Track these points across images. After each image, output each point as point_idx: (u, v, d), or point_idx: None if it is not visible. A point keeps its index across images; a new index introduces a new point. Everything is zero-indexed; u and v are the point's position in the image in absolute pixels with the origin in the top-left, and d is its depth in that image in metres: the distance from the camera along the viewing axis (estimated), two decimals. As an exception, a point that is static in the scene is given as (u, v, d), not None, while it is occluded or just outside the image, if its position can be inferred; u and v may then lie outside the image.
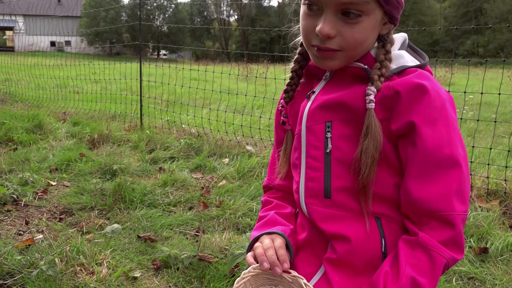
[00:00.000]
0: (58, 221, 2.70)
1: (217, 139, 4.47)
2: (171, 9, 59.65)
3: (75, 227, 2.61)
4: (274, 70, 5.42)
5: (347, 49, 0.85)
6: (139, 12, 5.23)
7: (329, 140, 0.90)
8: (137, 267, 2.13)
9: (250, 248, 0.98)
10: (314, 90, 0.96)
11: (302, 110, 0.96)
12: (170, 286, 2.00)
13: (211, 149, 4.21)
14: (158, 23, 57.09)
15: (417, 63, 0.90)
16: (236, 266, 2.04)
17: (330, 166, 0.90)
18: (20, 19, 45.45)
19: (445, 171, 0.82)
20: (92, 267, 2.03)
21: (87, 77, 9.39)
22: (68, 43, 51.21)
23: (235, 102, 7.03)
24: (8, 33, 53.94)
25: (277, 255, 0.91)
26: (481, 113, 7.04)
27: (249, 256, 0.95)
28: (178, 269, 2.10)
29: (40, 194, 3.12)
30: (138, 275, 2.04)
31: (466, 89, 3.37)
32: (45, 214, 2.81)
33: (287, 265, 0.90)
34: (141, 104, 5.31)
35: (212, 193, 3.15)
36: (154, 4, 56.61)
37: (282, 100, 1.04)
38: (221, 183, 3.35)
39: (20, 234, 2.51)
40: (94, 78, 9.18)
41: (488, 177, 3.12)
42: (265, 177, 1.18)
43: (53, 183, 3.35)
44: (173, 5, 60.28)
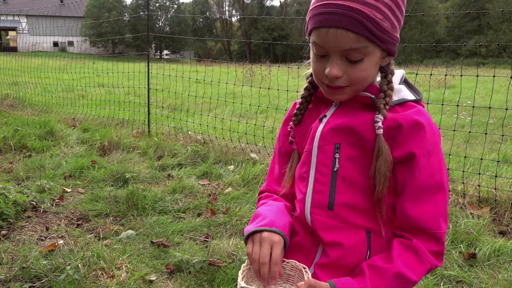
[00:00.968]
0: (76, 227, 2.89)
1: (222, 146, 4.66)
2: (173, 9, 59.87)
3: (92, 233, 2.80)
4: (277, 74, 5.61)
5: (354, 85, 1.01)
6: (147, 23, 5.42)
7: (337, 160, 1.04)
8: (152, 271, 2.32)
9: (248, 237, 1.08)
10: (326, 114, 1.09)
11: (314, 131, 1.09)
12: (183, 289, 2.19)
13: (217, 156, 4.40)
14: (161, 23, 57.30)
15: (414, 98, 1.05)
16: (244, 271, 2.22)
17: (336, 183, 1.04)
18: (23, 20, 45.76)
19: (435, 195, 0.98)
20: (112, 271, 2.22)
21: (92, 79, 9.62)
22: (71, 43, 51.52)
23: (239, 107, 7.22)
24: (11, 34, 54.27)
25: (270, 269, 1.02)
26: (479, 119, 7.22)
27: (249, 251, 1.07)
28: (190, 273, 2.29)
29: (57, 201, 3.31)
30: (154, 279, 2.24)
31: (468, 92, 3.54)
32: (63, 220, 3.00)
33: (275, 282, 1.03)
34: (149, 112, 5.50)
35: (219, 200, 3.34)
36: (157, 5, 56.80)
37: (291, 123, 1.19)
38: (227, 190, 3.54)
39: (42, 240, 2.71)
40: (101, 83, 9.38)
41: (480, 186, 3.30)
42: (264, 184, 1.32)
43: (68, 190, 3.55)
44: (175, 5, 60.49)
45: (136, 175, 3.75)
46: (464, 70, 18.26)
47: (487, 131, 3.61)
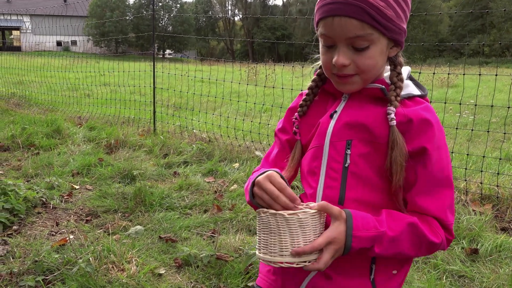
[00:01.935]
0: (85, 223, 2.95)
1: (227, 144, 4.72)
2: (176, 9, 59.97)
3: (101, 228, 2.86)
4: (282, 73, 5.66)
5: (362, 73, 1.01)
6: (152, 23, 5.47)
7: (348, 156, 1.04)
8: (161, 265, 2.38)
9: (251, 195, 1.04)
10: (336, 110, 1.09)
11: (325, 127, 1.09)
12: (192, 282, 2.24)
13: (222, 154, 4.45)
14: (164, 23, 57.40)
15: (420, 93, 1.07)
16: (250, 265, 2.28)
17: (346, 179, 1.04)
18: (27, 19, 45.91)
19: (444, 189, 1.01)
20: (123, 265, 2.28)
21: (96, 79, 9.69)
22: (74, 43, 51.67)
23: (243, 106, 7.27)
24: (15, 33, 54.46)
25: (276, 186, 0.99)
26: (482, 117, 7.25)
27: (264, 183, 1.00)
28: (198, 267, 2.35)
29: (66, 197, 3.38)
30: (163, 272, 2.30)
31: (471, 91, 3.58)
32: (73, 216, 3.07)
33: (298, 202, 1.00)
34: (154, 110, 5.56)
35: (225, 197, 3.39)
36: (160, 4, 56.90)
37: (296, 113, 1.19)
38: (233, 187, 3.59)
39: (53, 235, 2.77)
40: (106, 82, 9.45)
41: (482, 183, 3.34)
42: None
43: (77, 187, 3.61)
44: (178, 5, 60.58)
45: (143, 172, 3.81)
46: (467, 69, 18.25)
47: (490, 130, 3.66)
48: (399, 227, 0.98)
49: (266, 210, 0.96)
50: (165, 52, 52.92)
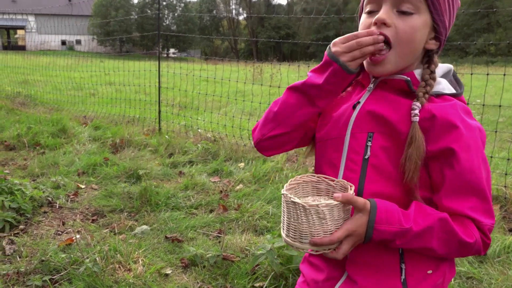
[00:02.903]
0: (92, 222, 2.96)
1: (232, 144, 4.71)
2: (180, 8, 60.04)
3: (108, 228, 2.86)
4: (288, 72, 5.65)
5: (398, 44, 0.97)
6: (158, 22, 5.47)
7: (369, 148, 1.01)
8: (168, 265, 2.38)
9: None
10: (360, 101, 1.06)
11: (348, 117, 1.07)
12: (198, 282, 2.24)
13: (227, 154, 4.45)
14: (168, 22, 57.49)
15: (453, 92, 1.02)
16: (257, 265, 2.27)
17: (366, 171, 1.01)
18: (32, 18, 46.11)
19: (472, 192, 0.94)
20: (129, 265, 2.28)
21: (101, 78, 9.72)
22: (79, 42, 51.87)
23: (248, 105, 7.27)
24: (20, 32, 54.70)
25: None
26: (489, 117, 7.21)
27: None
28: (205, 267, 2.34)
29: (72, 197, 3.38)
30: (169, 272, 2.29)
31: (477, 91, 3.56)
32: (79, 216, 3.07)
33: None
34: (160, 110, 5.56)
35: (231, 197, 3.39)
36: (164, 3, 56.96)
37: None
38: (238, 187, 3.59)
39: (59, 234, 2.78)
40: (110, 81, 9.47)
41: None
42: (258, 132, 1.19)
43: (82, 186, 3.62)
44: (183, 4, 60.64)
45: (149, 172, 3.81)
46: (473, 69, 18.15)
47: (497, 130, 3.63)
48: (428, 222, 0.94)
49: (289, 196, 0.94)
50: (169, 52, 52.99)
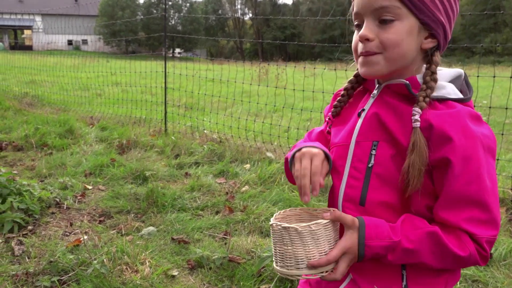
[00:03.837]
0: (99, 223, 2.98)
1: (238, 145, 4.72)
2: (186, 8, 60.16)
3: (115, 229, 2.89)
4: (293, 73, 5.65)
5: (385, 51, 0.97)
6: (164, 23, 5.50)
7: (373, 157, 1.01)
8: (174, 267, 2.40)
9: (292, 158, 1.07)
10: (364, 108, 1.07)
11: (353, 125, 1.07)
12: (205, 284, 2.26)
13: (233, 155, 4.46)
14: (173, 22, 57.62)
15: (459, 96, 0.99)
16: (263, 267, 2.29)
17: (369, 179, 1.01)
18: (38, 18, 46.40)
19: (469, 203, 0.93)
20: (136, 266, 2.30)
21: (107, 78, 9.78)
22: (85, 42, 52.15)
23: (254, 106, 7.28)
24: (27, 32, 55.06)
25: (312, 169, 1.01)
26: (495, 118, 7.18)
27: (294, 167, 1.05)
28: (211, 269, 2.36)
29: (79, 198, 3.41)
30: (176, 274, 2.31)
31: (483, 91, 3.55)
32: (86, 217, 3.10)
33: (315, 193, 1.01)
34: (166, 111, 5.59)
35: (236, 198, 3.40)
36: (169, 3, 57.08)
37: (330, 113, 1.19)
38: (244, 189, 3.60)
39: (67, 235, 2.80)
40: (116, 82, 9.52)
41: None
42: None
43: (89, 187, 3.65)
44: (188, 4, 60.77)
45: (155, 173, 3.83)
46: (480, 69, 18.02)
47: (504, 132, 3.61)
48: (417, 236, 0.94)
49: (279, 224, 0.96)
50: (175, 51, 53.12)
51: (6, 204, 2.84)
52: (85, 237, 2.69)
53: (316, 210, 1.07)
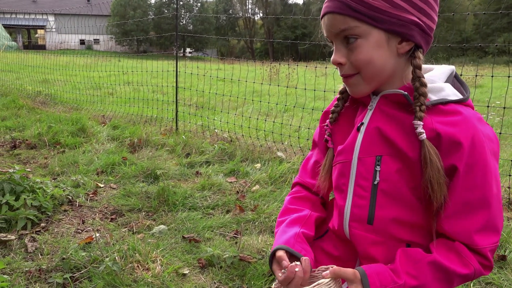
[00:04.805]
0: (110, 221, 3.00)
1: (249, 144, 4.73)
2: (197, 7, 60.34)
3: (126, 227, 2.90)
4: (305, 73, 5.64)
5: (360, 70, 0.95)
6: (176, 22, 5.52)
7: (378, 173, 0.98)
8: (185, 265, 2.40)
9: (273, 256, 1.07)
10: (363, 122, 1.03)
11: (353, 141, 1.03)
12: (215, 283, 2.26)
13: (243, 154, 4.47)
14: (184, 22, 57.83)
15: (459, 97, 0.96)
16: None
17: (376, 197, 0.98)
18: (51, 18, 46.93)
19: (474, 211, 0.91)
20: (147, 264, 2.31)
21: (119, 77, 9.84)
22: (97, 41, 52.59)
23: (264, 106, 7.27)
24: (40, 32, 55.68)
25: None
26: (509, 119, 7.08)
27: (276, 271, 1.05)
28: (222, 268, 2.36)
29: (91, 196, 3.44)
30: (187, 272, 2.32)
31: (497, 92, 3.50)
32: (98, 214, 3.12)
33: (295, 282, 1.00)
34: (177, 110, 5.61)
35: (247, 198, 3.40)
36: (181, 3, 57.30)
37: (328, 120, 1.14)
38: (255, 188, 3.60)
39: (79, 232, 2.83)
40: (128, 81, 9.58)
41: (510, 187, 3.27)
42: (296, 176, 1.28)
43: (101, 185, 3.68)
44: (199, 4, 60.93)
45: (166, 172, 3.85)
46: (493, 69, 17.79)
47: (518, 133, 3.56)
48: (419, 270, 0.92)
49: None
50: (186, 51, 53.32)
51: (20, 201, 2.88)
52: (97, 235, 2.71)
53: (315, 271, 1.04)
